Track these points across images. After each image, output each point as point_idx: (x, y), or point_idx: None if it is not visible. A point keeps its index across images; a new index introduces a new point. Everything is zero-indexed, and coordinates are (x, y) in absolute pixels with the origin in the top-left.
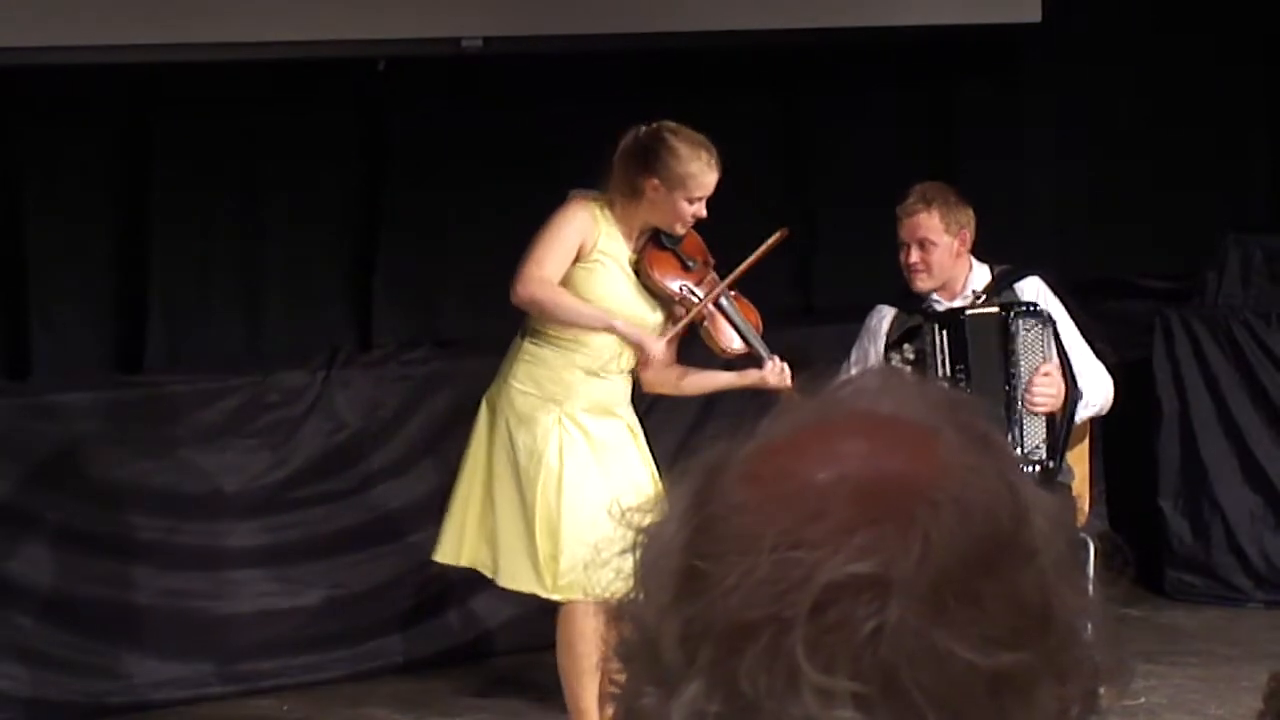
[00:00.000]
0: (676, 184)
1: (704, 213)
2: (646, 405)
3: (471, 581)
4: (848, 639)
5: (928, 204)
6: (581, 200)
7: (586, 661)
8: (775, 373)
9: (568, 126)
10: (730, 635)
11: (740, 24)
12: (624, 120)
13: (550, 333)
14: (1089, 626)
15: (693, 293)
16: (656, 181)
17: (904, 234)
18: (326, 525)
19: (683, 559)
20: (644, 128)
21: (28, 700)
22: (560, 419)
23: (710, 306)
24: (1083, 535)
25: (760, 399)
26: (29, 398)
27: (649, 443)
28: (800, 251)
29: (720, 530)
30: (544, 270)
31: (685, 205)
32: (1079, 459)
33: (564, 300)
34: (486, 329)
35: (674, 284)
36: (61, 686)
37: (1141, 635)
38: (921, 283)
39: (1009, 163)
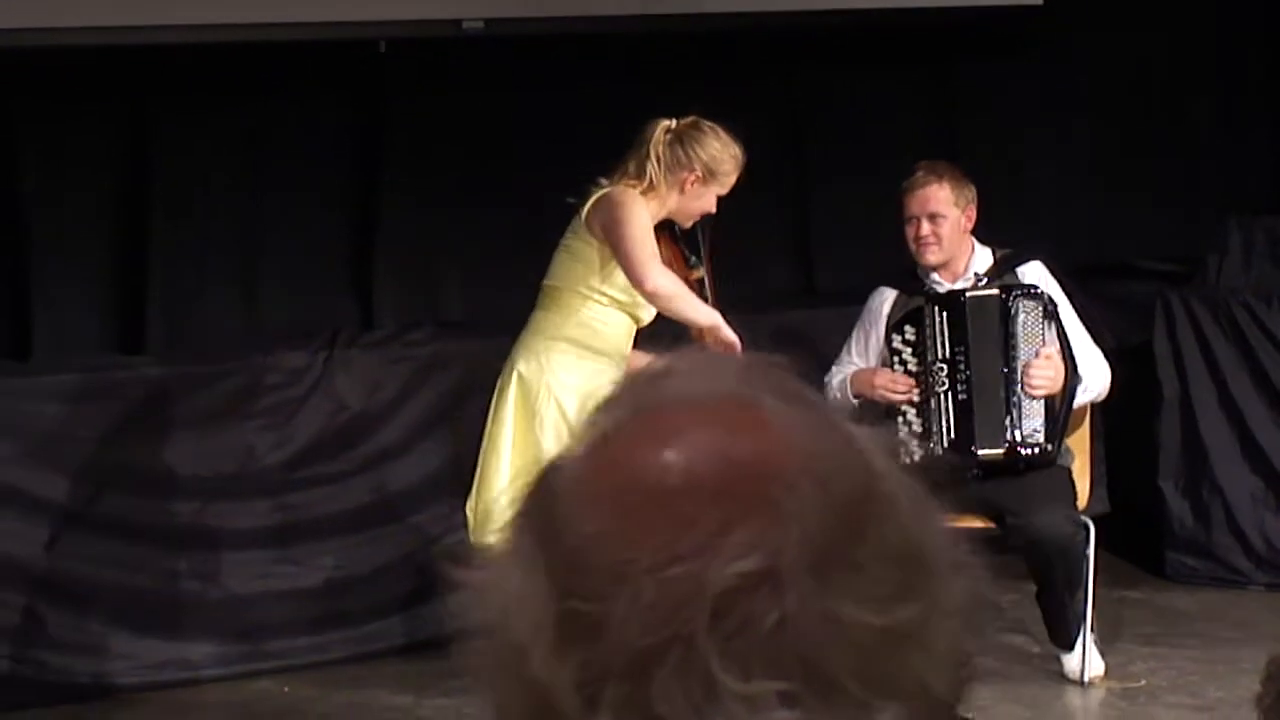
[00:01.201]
0: (714, 179)
1: (714, 210)
2: None
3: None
4: (755, 638)
5: (938, 177)
6: (636, 192)
7: None
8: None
9: (568, 108)
10: (634, 665)
11: (741, 6)
12: (625, 102)
13: (607, 298)
14: (955, 551)
15: (701, 286)
16: (699, 175)
17: (914, 207)
18: (328, 506)
19: (555, 604)
20: (677, 121)
21: (28, 681)
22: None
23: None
24: (1083, 518)
25: None
26: (30, 379)
27: None
28: (801, 233)
29: (585, 563)
30: (657, 257)
31: (711, 201)
32: (1079, 442)
33: (685, 292)
34: (488, 310)
35: (682, 277)
36: (62, 668)
37: (1142, 617)
38: (932, 256)
39: (1009, 145)
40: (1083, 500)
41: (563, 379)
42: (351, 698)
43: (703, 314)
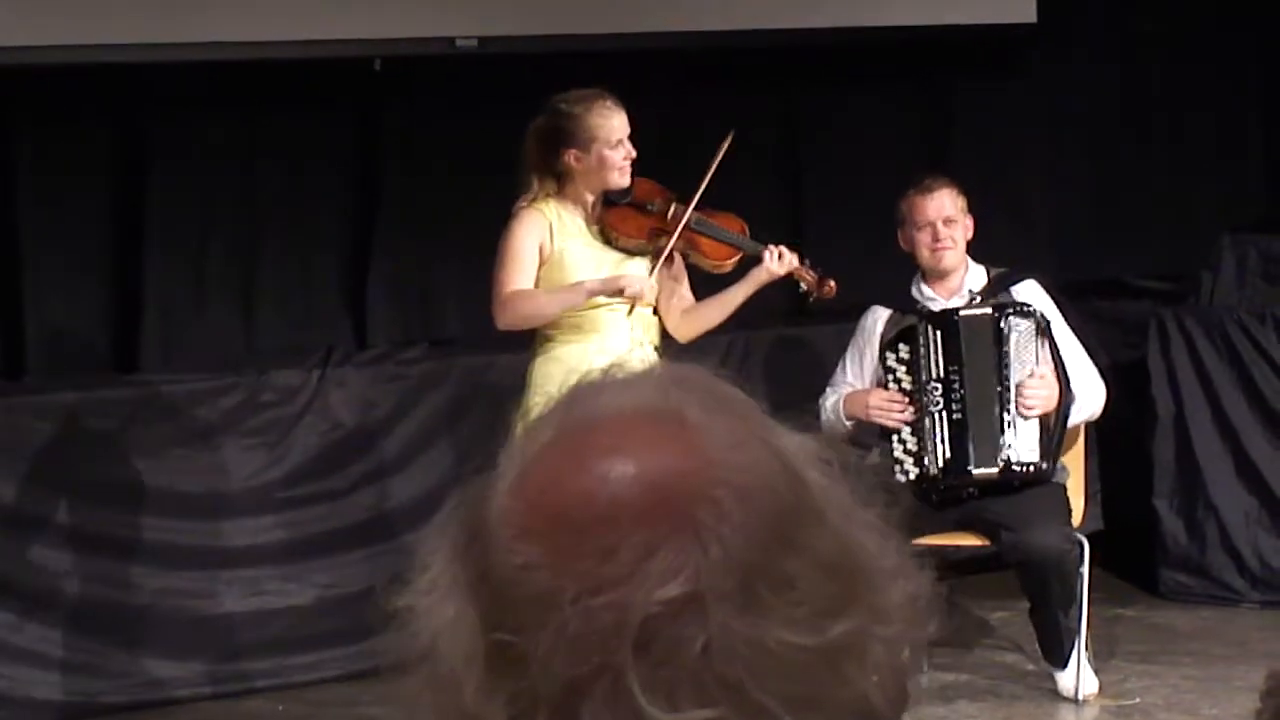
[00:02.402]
0: (589, 142)
1: (634, 152)
2: None
3: None
4: (681, 666)
5: (946, 184)
6: (524, 209)
7: None
8: (777, 260)
9: None
10: (563, 696)
11: (735, 24)
12: None
13: (558, 331)
14: (887, 564)
15: (663, 231)
16: (574, 151)
17: (930, 213)
18: (322, 524)
19: (483, 636)
20: (540, 116)
21: (21, 700)
22: None
23: (686, 231)
24: (1077, 535)
25: None
26: (24, 396)
27: None
28: (796, 251)
29: (514, 595)
30: (505, 291)
31: (610, 154)
32: (1074, 459)
33: (539, 297)
34: (481, 329)
35: (642, 233)
36: (55, 685)
37: (1136, 635)
38: (950, 259)
39: (1004, 163)
40: (1077, 518)
41: (539, 407)
42: (345, 716)
43: (571, 298)
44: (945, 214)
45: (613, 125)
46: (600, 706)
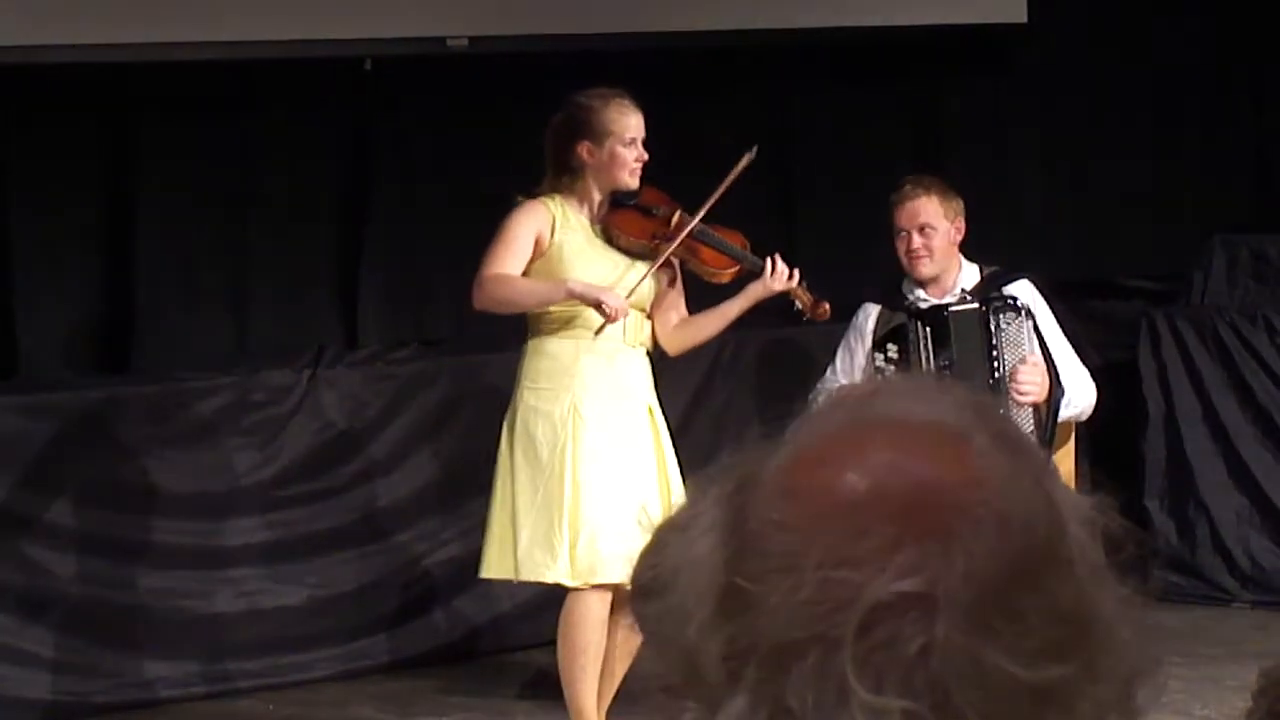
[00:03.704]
0: (604, 136)
1: (645, 155)
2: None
3: (457, 581)
4: (896, 657)
5: (926, 189)
6: (531, 201)
7: (587, 653)
8: (776, 277)
9: None
10: (776, 654)
11: (726, 24)
12: None
13: (548, 326)
14: (1121, 631)
15: (665, 237)
16: (587, 144)
17: (903, 220)
18: (313, 524)
19: (723, 576)
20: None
21: (13, 699)
22: (573, 408)
23: (690, 241)
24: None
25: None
26: (15, 396)
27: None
28: (787, 251)
29: (761, 548)
30: (492, 271)
31: (623, 151)
32: (1064, 459)
33: (518, 285)
34: (473, 328)
35: (644, 235)
36: (47, 685)
37: None
38: (924, 269)
39: (994, 163)
40: None
41: (532, 401)
42: (336, 716)
43: (551, 294)
44: (919, 221)
45: (628, 122)
46: (810, 671)
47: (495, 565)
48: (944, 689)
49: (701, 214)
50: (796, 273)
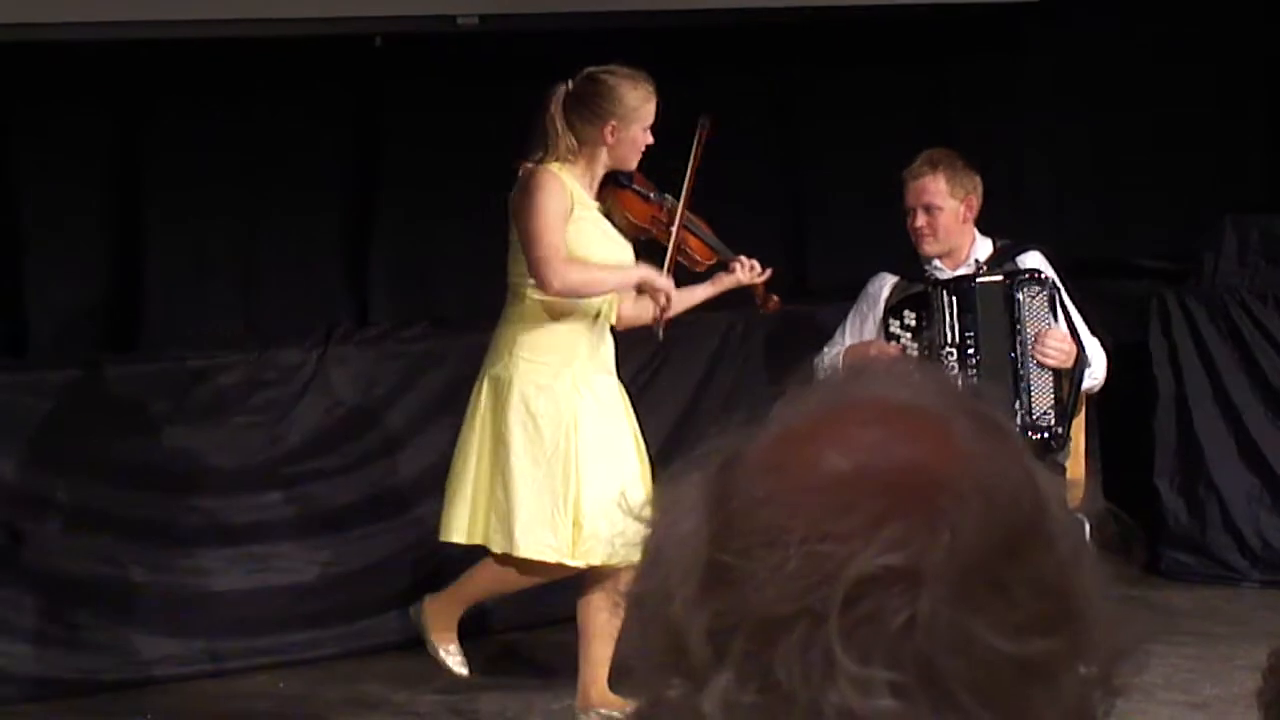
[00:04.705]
0: (631, 119)
1: (651, 139)
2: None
3: (467, 558)
4: (881, 630)
5: (934, 168)
6: (543, 171)
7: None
8: (747, 270)
9: None
10: (762, 628)
11: (736, 2)
12: None
13: (528, 305)
14: (1104, 609)
15: (660, 221)
16: (614, 123)
17: (910, 198)
18: (322, 502)
19: (708, 553)
20: (571, 81)
21: (23, 677)
22: (575, 384)
23: (681, 228)
24: (1078, 515)
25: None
26: (25, 374)
27: (644, 417)
28: (795, 229)
29: (746, 524)
30: (560, 253)
31: (642, 136)
32: (1075, 438)
33: (596, 274)
34: (482, 307)
35: (645, 219)
36: (56, 663)
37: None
38: (928, 247)
39: (1006, 142)
40: (1078, 495)
41: (533, 376)
42: (346, 693)
43: (627, 278)
44: (924, 200)
45: (651, 109)
46: (796, 645)
47: (462, 529)
48: (930, 662)
49: (685, 201)
50: (769, 271)
